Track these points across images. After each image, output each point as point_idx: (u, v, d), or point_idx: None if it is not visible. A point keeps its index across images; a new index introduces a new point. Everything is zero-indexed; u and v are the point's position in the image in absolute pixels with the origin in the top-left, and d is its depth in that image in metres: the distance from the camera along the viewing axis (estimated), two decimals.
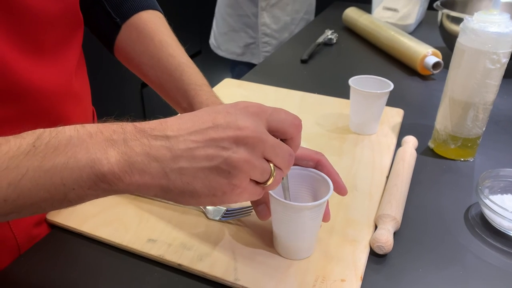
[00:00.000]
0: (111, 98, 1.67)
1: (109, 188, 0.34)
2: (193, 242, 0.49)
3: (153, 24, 0.59)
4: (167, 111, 0.62)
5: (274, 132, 0.38)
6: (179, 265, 0.47)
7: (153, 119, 0.36)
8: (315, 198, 0.47)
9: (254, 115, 0.36)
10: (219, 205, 0.37)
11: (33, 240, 0.51)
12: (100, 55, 0.74)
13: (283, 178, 0.44)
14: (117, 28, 0.60)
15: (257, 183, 0.37)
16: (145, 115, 1.89)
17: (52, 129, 0.34)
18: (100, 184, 0.33)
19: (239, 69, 1.55)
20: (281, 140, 0.39)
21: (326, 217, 0.48)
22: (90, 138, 0.33)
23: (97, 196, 0.34)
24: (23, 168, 0.32)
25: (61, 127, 0.34)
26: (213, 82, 0.61)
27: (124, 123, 0.35)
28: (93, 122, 0.64)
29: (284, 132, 0.38)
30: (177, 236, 0.50)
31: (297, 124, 0.39)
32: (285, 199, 0.45)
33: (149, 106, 1.88)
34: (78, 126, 0.34)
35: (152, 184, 0.34)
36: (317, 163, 0.48)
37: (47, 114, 0.50)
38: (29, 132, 0.33)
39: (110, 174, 0.33)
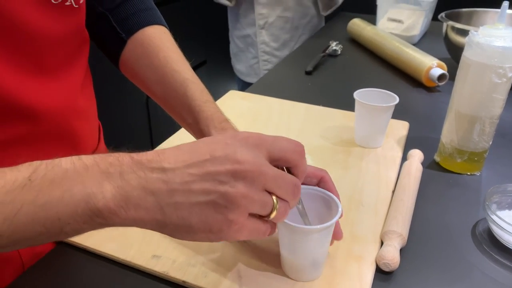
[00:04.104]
0: (116, 109, 1.68)
1: (105, 223, 0.33)
2: (198, 258, 0.49)
3: (158, 40, 0.59)
4: (172, 122, 0.62)
5: (276, 161, 0.37)
6: (184, 282, 0.46)
7: (159, 129, 0.36)
8: (321, 218, 0.47)
9: (254, 147, 0.35)
10: (218, 242, 0.36)
11: (37, 257, 0.50)
12: (103, 66, 0.74)
13: (298, 206, 0.43)
14: (122, 43, 0.60)
15: (260, 217, 0.36)
16: (150, 126, 1.89)
17: (49, 161, 0.33)
18: (96, 219, 0.33)
19: (246, 86, 1.58)
20: (286, 168, 0.39)
21: (337, 235, 0.47)
22: (86, 171, 0.33)
23: (93, 229, 0.34)
24: (18, 203, 0.31)
25: (58, 160, 0.33)
26: (218, 92, 0.61)
27: (122, 154, 0.35)
28: (99, 136, 0.64)
29: (286, 160, 0.38)
30: (181, 252, 0.50)
31: (299, 151, 0.38)
32: (305, 222, 0.45)
33: (154, 117, 1.89)
34: (74, 158, 0.34)
35: (147, 219, 0.34)
36: (320, 180, 0.47)
37: (55, 132, 0.50)
38: (26, 164, 0.33)
39: (105, 210, 0.32)
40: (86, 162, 0.33)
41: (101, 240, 0.52)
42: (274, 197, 0.36)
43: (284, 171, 0.38)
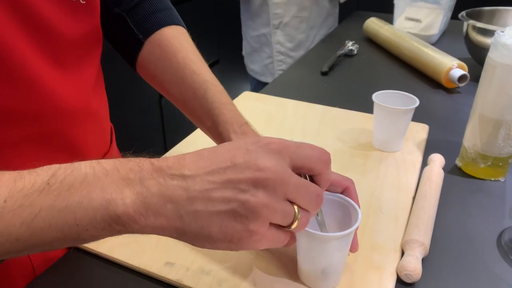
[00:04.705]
0: (129, 111, 1.68)
1: (124, 230, 0.32)
2: (212, 266, 0.48)
3: (177, 41, 0.58)
4: (186, 123, 0.61)
5: (299, 169, 0.35)
6: None
7: (172, 131, 0.35)
8: (341, 225, 0.45)
9: (276, 153, 0.34)
10: (238, 250, 0.35)
11: (49, 262, 0.50)
12: (116, 68, 0.73)
13: (317, 216, 0.42)
14: (139, 44, 0.59)
15: (280, 226, 0.35)
16: (164, 128, 1.88)
17: (68, 165, 0.33)
18: (114, 226, 0.32)
19: (260, 85, 1.56)
20: (309, 175, 0.37)
21: (353, 247, 0.46)
22: (105, 176, 0.32)
23: (111, 235, 0.33)
24: (37, 207, 0.31)
25: (77, 163, 0.33)
26: (231, 91, 0.59)
27: (142, 159, 0.34)
28: (111, 140, 0.64)
29: (310, 168, 0.36)
30: (195, 259, 0.49)
31: (325, 159, 0.36)
32: (322, 231, 0.43)
33: (168, 118, 1.88)
34: (94, 163, 0.33)
35: (166, 227, 0.33)
36: (344, 190, 0.45)
37: (66, 134, 0.49)
38: (45, 167, 0.32)
39: (125, 216, 0.32)
40: (105, 166, 0.33)
41: (113, 246, 0.51)
42: (295, 207, 0.34)
43: (307, 178, 0.37)
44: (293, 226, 0.35)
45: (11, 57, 0.41)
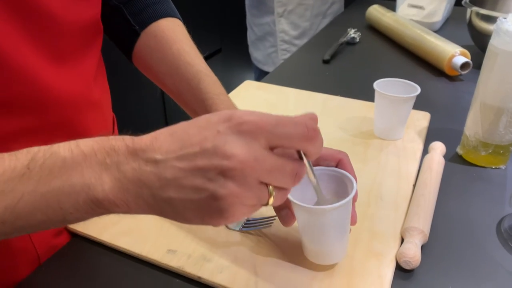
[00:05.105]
0: (131, 99, 1.68)
1: (107, 212, 0.33)
2: (213, 253, 0.48)
3: (172, 32, 0.59)
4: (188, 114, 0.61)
5: (278, 146, 0.33)
6: (199, 277, 0.46)
7: (174, 121, 0.34)
8: (339, 198, 0.45)
9: (248, 136, 0.31)
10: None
11: (53, 250, 0.50)
12: (118, 55, 0.74)
13: (313, 176, 0.39)
14: (135, 35, 0.59)
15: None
16: (166, 118, 1.88)
17: (47, 147, 0.33)
18: (97, 209, 0.33)
19: (264, 75, 1.55)
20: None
21: (352, 220, 0.45)
22: (84, 160, 0.32)
23: (97, 216, 0.34)
24: (18, 192, 0.31)
25: (56, 146, 0.33)
26: (233, 81, 0.59)
27: (119, 140, 0.33)
28: (113, 129, 0.64)
29: (291, 147, 0.33)
30: (197, 247, 0.49)
31: (310, 136, 0.33)
32: (318, 198, 0.42)
33: (170, 109, 1.88)
34: (72, 146, 0.33)
35: (146, 208, 0.33)
36: (338, 163, 0.46)
37: (67, 124, 0.50)
38: (24, 151, 0.33)
39: (106, 201, 0.32)
40: (84, 149, 0.33)
41: (116, 234, 0.51)
42: (270, 187, 0.33)
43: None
44: (269, 203, 0.34)
45: (6, 48, 0.41)
